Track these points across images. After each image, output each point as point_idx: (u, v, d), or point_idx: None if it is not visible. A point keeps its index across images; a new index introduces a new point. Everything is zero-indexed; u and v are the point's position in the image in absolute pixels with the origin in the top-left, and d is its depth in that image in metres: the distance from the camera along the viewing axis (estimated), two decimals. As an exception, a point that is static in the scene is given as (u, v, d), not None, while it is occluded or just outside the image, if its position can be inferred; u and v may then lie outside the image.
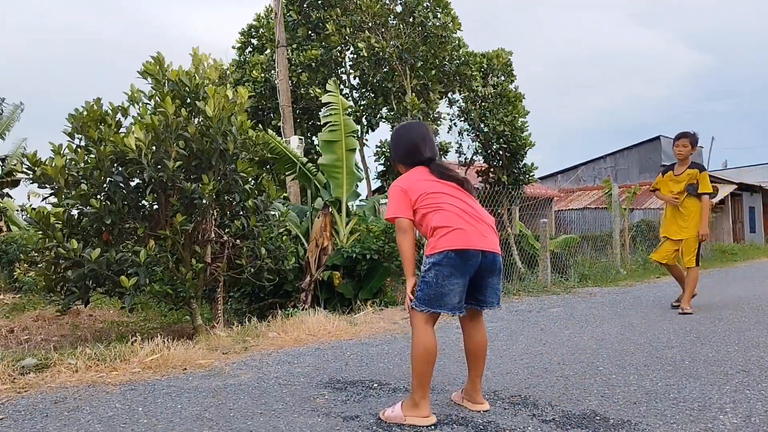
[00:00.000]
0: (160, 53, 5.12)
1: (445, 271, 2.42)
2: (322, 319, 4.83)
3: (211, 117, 4.84)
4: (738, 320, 4.96)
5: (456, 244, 2.42)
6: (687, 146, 5.50)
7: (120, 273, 4.64)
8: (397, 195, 2.56)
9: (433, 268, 2.43)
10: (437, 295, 2.42)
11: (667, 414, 2.52)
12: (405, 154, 2.70)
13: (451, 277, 2.42)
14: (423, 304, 2.43)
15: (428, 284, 2.43)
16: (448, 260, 2.41)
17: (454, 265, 2.42)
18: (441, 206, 2.50)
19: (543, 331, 4.60)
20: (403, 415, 2.41)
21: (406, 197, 2.54)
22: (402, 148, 2.73)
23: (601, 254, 11.10)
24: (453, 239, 2.42)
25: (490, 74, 13.48)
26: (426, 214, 2.51)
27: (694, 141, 5.52)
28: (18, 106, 16.19)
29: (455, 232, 2.44)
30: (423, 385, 2.42)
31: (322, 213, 6.72)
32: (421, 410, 2.41)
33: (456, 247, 2.41)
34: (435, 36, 12.21)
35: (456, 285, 2.44)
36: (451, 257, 2.41)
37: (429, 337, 2.43)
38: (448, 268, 2.42)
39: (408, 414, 2.41)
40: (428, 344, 2.42)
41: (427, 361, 2.42)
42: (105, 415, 2.60)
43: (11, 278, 10.28)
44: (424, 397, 2.42)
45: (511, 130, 12.89)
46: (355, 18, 11.95)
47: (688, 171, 5.52)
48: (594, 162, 26.73)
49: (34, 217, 4.72)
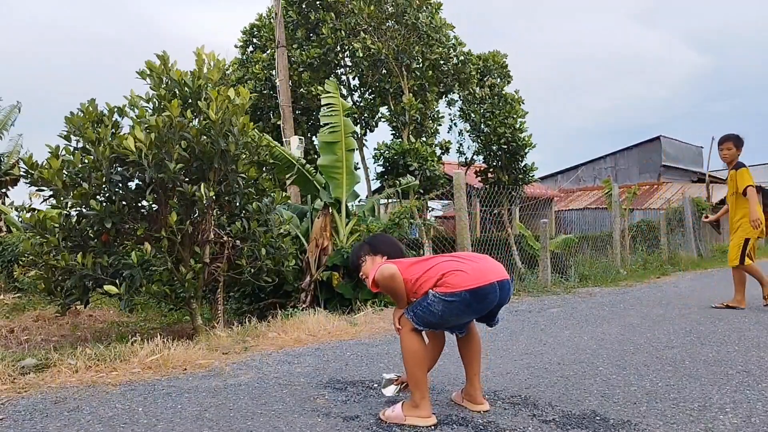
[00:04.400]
0: (165, 52, 5.11)
1: (457, 310, 2.37)
2: (322, 320, 4.83)
3: (213, 120, 4.83)
4: (738, 320, 4.96)
5: (472, 282, 2.33)
6: (731, 149, 5.45)
7: (115, 276, 4.64)
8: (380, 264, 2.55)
9: (442, 303, 2.35)
10: (440, 323, 2.45)
11: (668, 414, 2.52)
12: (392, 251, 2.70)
13: (461, 315, 2.42)
14: (421, 324, 2.42)
15: (433, 314, 2.37)
16: (462, 302, 2.34)
17: (468, 305, 2.36)
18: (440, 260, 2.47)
19: (543, 332, 4.60)
20: (404, 415, 2.41)
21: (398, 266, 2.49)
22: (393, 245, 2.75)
23: (601, 254, 11.10)
24: (467, 278, 2.34)
25: (487, 75, 13.53)
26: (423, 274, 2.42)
27: (738, 143, 5.46)
28: (15, 106, 16.19)
29: (466, 273, 2.36)
30: (420, 386, 2.42)
31: (322, 213, 6.72)
32: (422, 410, 2.41)
33: (472, 287, 2.33)
34: (428, 36, 12.24)
35: (465, 319, 2.48)
36: (465, 298, 2.33)
37: (417, 338, 2.45)
38: (461, 308, 2.37)
39: (408, 414, 2.41)
40: (417, 346, 2.43)
41: (419, 363, 2.43)
42: (105, 415, 2.60)
43: (11, 278, 10.29)
44: (424, 397, 2.42)
45: (511, 131, 12.92)
46: (350, 21, 11.97)
47: (731, 172, 5.52)
48: (594, 162, 26.73)
49: (28, 221, 4.68)
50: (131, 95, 5.09)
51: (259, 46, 14.51)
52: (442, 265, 2.42)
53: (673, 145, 25.22)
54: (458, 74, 13.02)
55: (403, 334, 2.47)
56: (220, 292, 5.53)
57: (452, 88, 13.59)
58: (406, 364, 2.45)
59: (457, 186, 6.65)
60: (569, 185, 26.66)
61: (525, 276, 8.50)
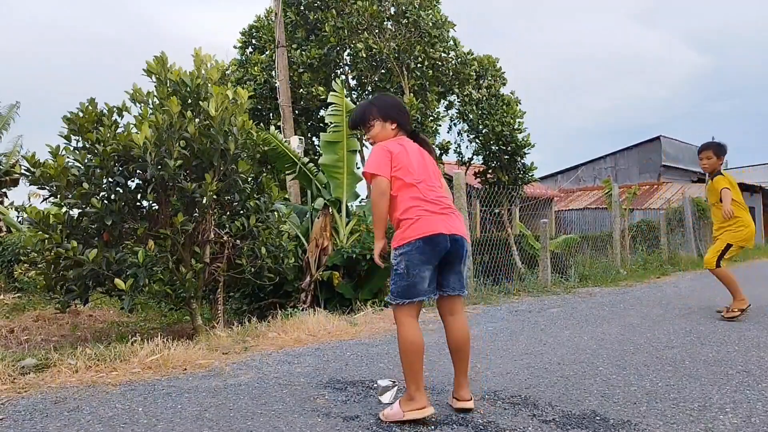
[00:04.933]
0: (163, 53, 5.12)
1: (415, 259, 2.45)
2: (322, 320, 4.83)
3: (213, 117, 4.83)
4: (738, 320, 4.96)
5: (423, 231, 2.45)
6: (711, 158, 5.17)
7: (119, 273, 4.64)
8: (382, 155, 2.54)
9: (403, 258, 2.46)
10: (410, 285, 2.46)
11: (668, 414, 2.52)
12: (397, 112, 2.69)
13: (420, 266, 2.45)
14: (399, 296, 2.47)
15: (400, 276, 2.47)
16: (416, 249, 2.44)
17: (422, 252, 2.45)
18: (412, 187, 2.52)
19: (543, 332, 4.60)
20: (402, 411, 2.41)
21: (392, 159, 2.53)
22: (400, 110, 2.72)
23: (601, 254, 11.10)
24: (419, 227, 2.46)
25: (483, 77, 13.57)
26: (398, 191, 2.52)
27: (718, 152, 5.16)
28: (14, 105, 16.16)
29: (421, 221, 2.47)
30: (415, 379, 2.42)
31: (322, 213, 6.72)
32: (417, 403, 2.40)
33: (423, 235, 2.45)
34: (429, 35, 12.24)
35: (427, 271, 2.48)
36: (419, 246, 2.44)
37: (413, 330, 2.45)
38: (417, 256, 2.45)
39: (406, 409, 2.40)
40: (414, 338, 2.44)
41: (415, 354, 2.43)
42: (105, 415, 2.60)
43: (11, 278, 10.29)
44: (419, 389, 2.42)
45: (509, 130, 12.93)
46: (352, 20, 11.97)
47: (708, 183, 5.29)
48: (594, 162, 26.72)
49: (33, 217, 4.71)
50: (134, 89, 5.08)
51: (258, 48, 14.52)
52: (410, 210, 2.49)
53: (673, 145, 25.22)
54: (457, 74, 13.04)
55: (396, 321, 2.50)
56: (220, 292, 5.54)
57: (451, 89, 13.61)
58: (400, 355, 2.46)
59: (457, 186, 6.64)
60: (569, 185, 26.66)
61: (525, 276, 8.49)
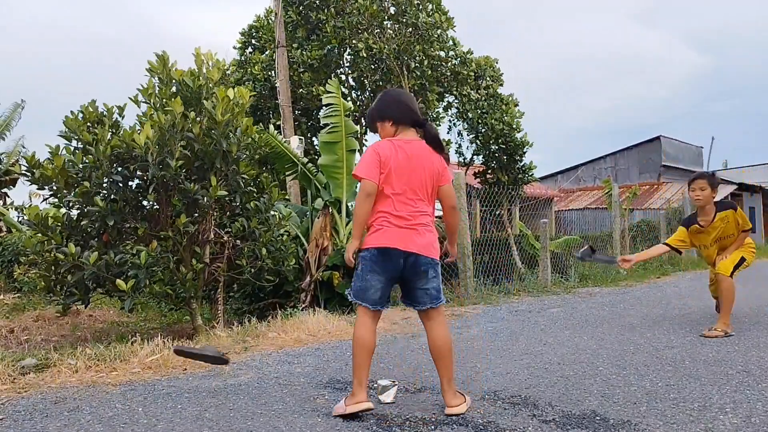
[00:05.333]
0: (165, 52, 5.11)
1: (368, 266, 2.54)
2: (322, 320, 4.83)
3: (219, 121, 4.83)
4: (738, 321, 4.96)
5: (379, 242, 2.53)
6: (705, 188, 4.43)
7: (120, 275, 4.64)
8: (372, 159, 2.55)
9: (362, 262, 2.58)
10: (362, 288, 2.55)
11: (668, 414, 2.52)
12: (399, 112, 2.65)
13: (372, 273, 2.53)
14: (354, 295, 2.59)
15: (357, 276, 2.59)
16: (371, 257, 2.54)
17: (375, 261, 2.53)
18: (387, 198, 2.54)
19: (543, 332, 4.60)
20: (344, 405, 2.50)
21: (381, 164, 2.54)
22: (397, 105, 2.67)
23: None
24: (377, 238, 2.54)
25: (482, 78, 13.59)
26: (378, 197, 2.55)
27: (713, 183, 4.48)
28: (19, 105, 16.09)
29: (381, 232, 2.54)
30: (357, 374, 2.51)
31: (322, 213, 6.72)
32: (356, 397, 2.49)
33: (378, 245, 2.53)
34: (428, 34, 12.24)
35: (377, 281, 2.54)
36: (374, 254, 2.53)
37: (363, 328, 2.54)
38: (370, 263, 2.54)
39: (348, 403, 2.50)
40: (360, 335, 2.53)
41: (360, 350, 2.52)
42: (105, 415, 2.60)
43: (11, 278, 10.28)
44: (360, 384, 2.51)
45: (509, 129, 12.94)
46: (352, 19, 11.97)
47: (719, 216, 4.49)
48: (594, 162, 26.72)
49: (32, 219, 4.70)
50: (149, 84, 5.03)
51: (258, 48, 14.52)
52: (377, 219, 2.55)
53: (673, 145, 25.23)
54: (456, 74, 13.04)
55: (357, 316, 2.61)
56: (220, 292, 5.53)
57: (450, 89, 13.61)
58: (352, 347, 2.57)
59: (456, 186, 6.64)
60: (569, 185, 26.66)
61: (525, 276, 8.49)
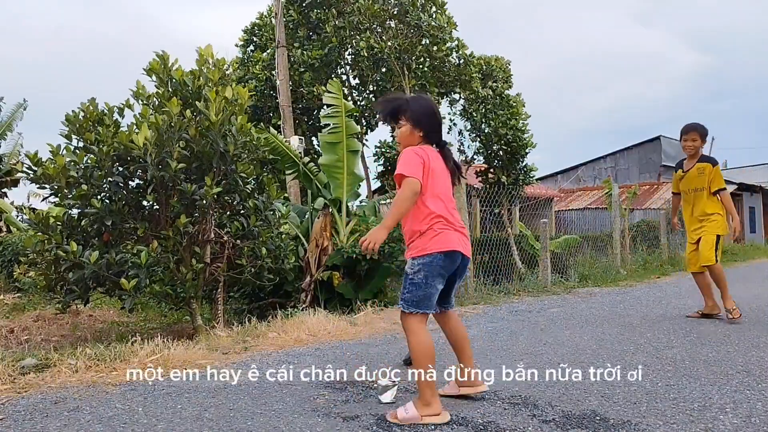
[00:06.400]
0: (165, 52, 5.11)
1: (435, 271, 2.50)
2: (322, 320, 4.83)
3: (213, 122, 4.83)
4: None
5: (446, 246, 2.51)
6: (696, 140, 5.03)
7: (120, 274, 4.64)
8: (416, 160, 2.51)
9: (423, 269, 2.50)
10: (426, 296, 2.51)
11: (668, 414, 2.52)
12: (431, 127, 2.65)
13: (438, 278, 2.52)
14: (413, 305, 2.50)
15: (418, 286, 2.50)
16: (437, 262, 2.50)
17: (442, 266, 2.52)
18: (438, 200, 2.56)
19: (543, 332, 4.60)
20: (419, 414, 2.41)
21: (424, 167, 2.52)
22: (431, 119, 2.67)
23: (601, 254, 11.10)
24: (441, 241, 2.51)
25: (489, 77, 13.55)
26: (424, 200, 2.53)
27: (703, 134, 5.05)
28: (21, 105, 16.04)
29: (443, 235, 2.52)
30: (431, 384, 2.45)
31: (322, 213, 6.72)
32: (434, 408, 2.44)
33: (444, 249, 2.51)
34: (431, 36, 12.23)
35: (440, 285, 2.55)
36: (440, 259, 2.50)
37: (427, 336, 2.50)
38: (437, 269, 2.51)
39: (424, 413, 2.41)
40: (427, 342, 2.49)
41: (431, 360, 2.47)
42: (105, 415, 2.60)
43: (11, 278, 10.28)
44: (435, 394, 2.46)
45: (512, 131, 12.92)
46: (353, 19, 11.96)
47: (698, 165, 5.04)
48: (594, 162, 26.73)
49: (32, 218, 4.71)
50: (138, 86, 5.06)
51: (260, 46, 14.52)
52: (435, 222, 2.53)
53: (673, 145, 25.20)
54: (459, 75, 13.03)
55: (408, 330, 2.52)
56: (220, 292, 5.53)
57: (453, 89, 13.60)
58: (415, 361, 2.49)
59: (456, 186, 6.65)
60: (569, 185, 26.65)
61: (525, 276, 8.49)
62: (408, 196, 2.45)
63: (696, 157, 5.10)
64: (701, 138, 5.05)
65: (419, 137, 2.63)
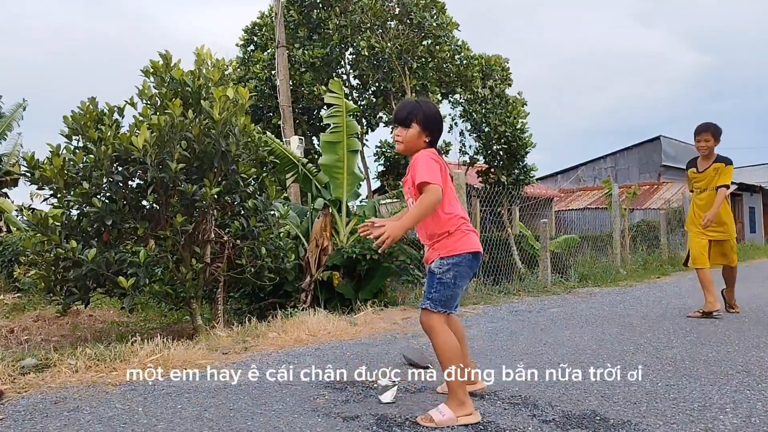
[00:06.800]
0: (168, 51, 5.11)
1: (463, 272, 2.54)
2: (322, 320, 4.83)
3: (216, 120, 4.83)
4: (738, 320, 4.96)
5: (473, 246, 2.56)
6: (710, 140, 5.07)
7: (119, 273, 4.64)
8: (435, 166, 2.51)
9: (453, 269, 2.51)
10: (453, 296, 2.54)
11: (668, 414, 2.52)
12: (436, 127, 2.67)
13: (465, 278, 2.57)
14: (440, 305, 2.51)
15: (446, 285, 2.51)
16: (467, 262, 2.54)
17: (470, 266, 2.57)
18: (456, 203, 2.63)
19: (543, 332, 4.60)
20: (455, 416, 2.39)
21: (442, 172, 2.53)
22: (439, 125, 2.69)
23: (601, 254, 11.10)
24: (469, 242, 2.56)
25: (489, 77, 13.56)
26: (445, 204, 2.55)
27: (716, 133, 5.08)
28: (21, 104, 16.02)
29: (469, 236, 2.57)
30: (462, 384, 2.45)
31: (322, 213, 6.72)
32: (468, 407, 2.43)
33: (472, 250, 2.56)
34: (433, 36, 12.24)
35: (465, 284, 2.61)
36: (469, 259, 2.54)
37: (450, 334, 2.51)
38: (465, 269, 2.55)
39: (459, 414, 2.40)
40: (453, 341, 2.50)
41: (459, 358, 2.47)
42: (105, 415, 2.60)
43: (11, 278, 10.29)
44: (467, 393, 2.47)
45: (512, 131, 12.93)
46: (355, 18, 11.97)
47: (714, 165, 5.10)
48: (594, 162, 26.74)
49: (31, 219, 4.70)
50: (144, 86, 5.06)
51: (261, 45, 14.53)
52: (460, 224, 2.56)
53: (673, 145, 25.24)
54: (461, 76, 13.04)
55: (431, 329, 2.51)
56: (220, 292, 5.53)
57: (454, 89, 13.61)
58: (442, 362, 2.47)
59: (456, 186, 6.63)
60: (569, 185, 26.66)
61: (525, 276, 8.49)
62: (433, 203, 2.45)
63: (711, 158, 5.15)
64: (714, 138, 5.09)
65: (425, 141, 2.65)
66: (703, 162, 5.20)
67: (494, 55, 13.81)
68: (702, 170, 5.20)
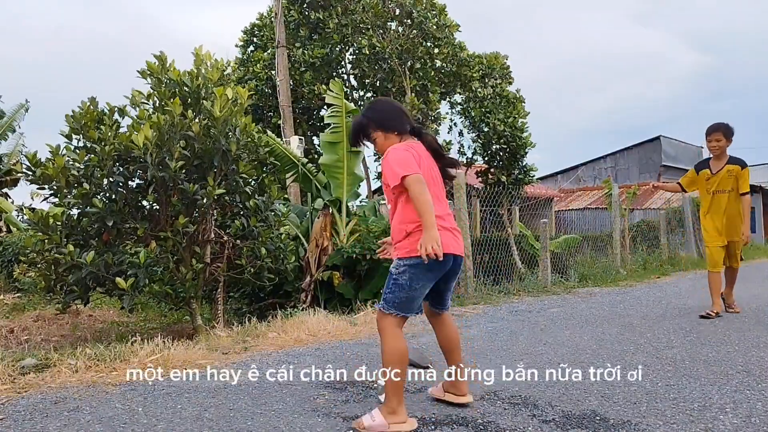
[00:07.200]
0: (163, 52, 5.12)
1: (420, 274, 2.39)
2: (322, 320, 4.83)
3: (217, 118, 4.83)
4: (738, 320, 4.96)
5: None
6: (721, 140, 4.98)
7: (119, 274, 4.64)
8: (406, 155, 2.40)
9: (409, 270, 2.39)
10: (409, 298, 2.40)
11: (668, 414, 2.52)
12: (393, 119, 2.57)
13: (424, 281, 2.41)
14: (393, 307, 2.40)
15: (401, 287, 2.39)
16: (425, 264, 2.34)
17: (430, 269, 2.38)
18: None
19: (543, 332, 4.60)
20: (386, 422, 2.32)
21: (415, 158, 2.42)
22: (394, 114, 2.59)
23: (601, 254, 11.10)
24: None
25: (489, 76, 13.55)
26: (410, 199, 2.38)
27: (728, 133, 4.99)
28: (22, 105, 16.02)
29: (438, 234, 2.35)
30: (399, 391, 2.36)
31: (322, 213, 6.73)
32: (400, 416, 2.35)
33: None
34: (434, 37, 12.25)
35: (426, 288, 2.44)
36: (429, 261, 2.32)
37: (401, 340, 2.41)
38: (423, 271, 2.38)
39: (390, 421, 2.32)
40: (401, 348, 2.39)
41: (402, 366, 2.38)
42: (105, 415, 2.60)
43: (11, 278, 10.29)
44: (401, 402, 2.37)
45: (511, 130, 12.93)
46: (356, 17, 11.97)
47: (728, 167, 5.03)
48: (594, 162, 26.72)
49: (32, 218, 4.70)
50: (133, 94, 5.09)
51: (260, 45, 14.53)
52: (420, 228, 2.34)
53: (673, 145, 25.22)
54: (460, 76, 13.03)
55: (382, 331, 2.42)
56: (220, 292, 5.54)
57: (454, 89, 13.60)
58: (387, 364, 2.37)
59: (456, 186, 6.65)
60: (569, 185, 26.65)
61: (525, 276, 8.49)
62: (422, 190, 2.31)
63: (723, 158, 5.09)
64: (726, 137, 5.01)
65: (395, 136, 2.56)
66: (716, 163, 5.12)
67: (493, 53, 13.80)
68: (715, 172, 5.12)
